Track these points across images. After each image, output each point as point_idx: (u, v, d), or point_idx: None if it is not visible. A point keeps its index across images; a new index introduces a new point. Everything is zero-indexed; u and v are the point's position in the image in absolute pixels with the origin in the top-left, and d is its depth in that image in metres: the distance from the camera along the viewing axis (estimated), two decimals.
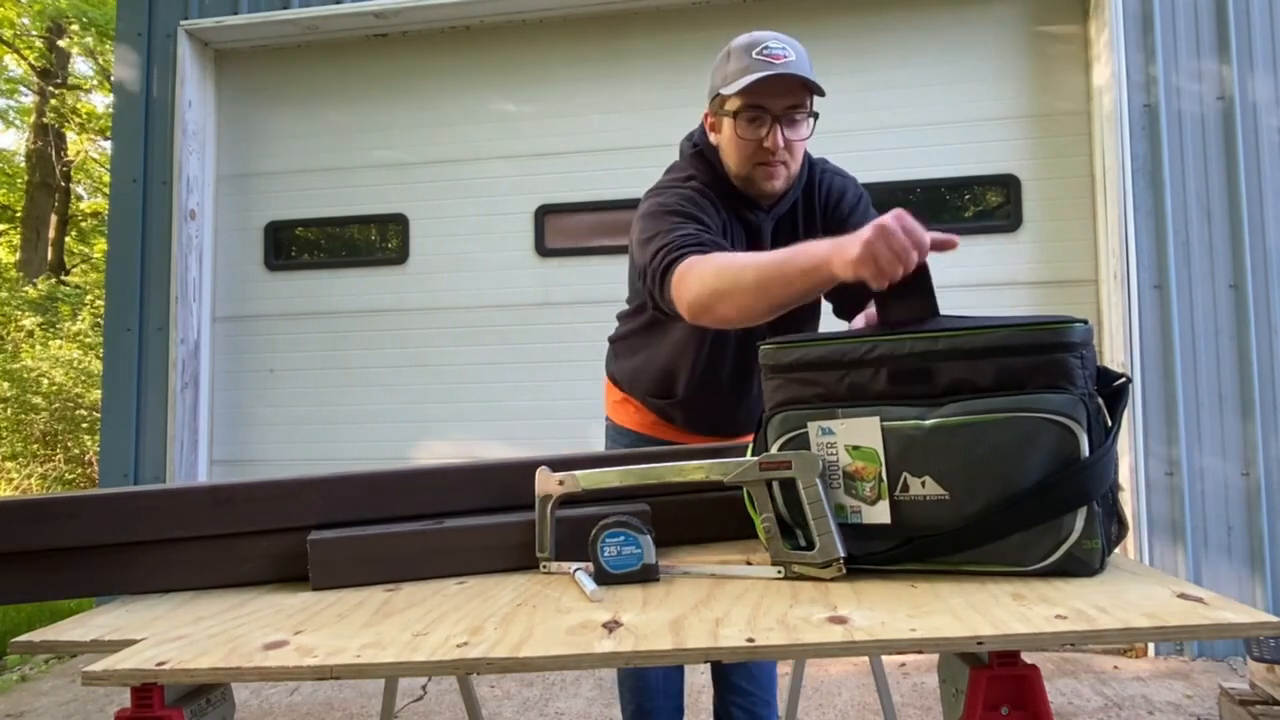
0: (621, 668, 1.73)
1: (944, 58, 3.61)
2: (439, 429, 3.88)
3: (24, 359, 8.46)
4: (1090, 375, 0.94)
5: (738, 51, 1.40)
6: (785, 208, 1.52)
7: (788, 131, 1.40)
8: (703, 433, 1.67)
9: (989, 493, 0.93)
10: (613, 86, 3.80)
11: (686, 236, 1.35)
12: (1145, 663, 3.11)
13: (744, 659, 0.79)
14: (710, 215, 1.43)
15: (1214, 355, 3.20)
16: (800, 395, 1.03)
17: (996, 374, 0.93)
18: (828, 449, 1.01)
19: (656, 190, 1.51)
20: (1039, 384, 0.92)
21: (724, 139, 1.46)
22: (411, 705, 2.89)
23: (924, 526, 0.96)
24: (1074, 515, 0.91)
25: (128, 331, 3.91)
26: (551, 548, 1.09)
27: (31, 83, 11.39)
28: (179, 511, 1.10)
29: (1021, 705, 0.81)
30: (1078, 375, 0.92)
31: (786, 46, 1.38)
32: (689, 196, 1.44)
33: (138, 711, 0.82)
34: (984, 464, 0.93)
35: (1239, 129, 3.23)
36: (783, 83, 1.36)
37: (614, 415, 1.80)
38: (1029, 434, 0.91)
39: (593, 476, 1.09)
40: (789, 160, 1.43)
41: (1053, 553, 0.92)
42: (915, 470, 0.96)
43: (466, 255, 3.90)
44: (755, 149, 1.41)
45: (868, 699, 2.78)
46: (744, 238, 1.51)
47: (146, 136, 3.97)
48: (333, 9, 3.82)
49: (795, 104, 1.39)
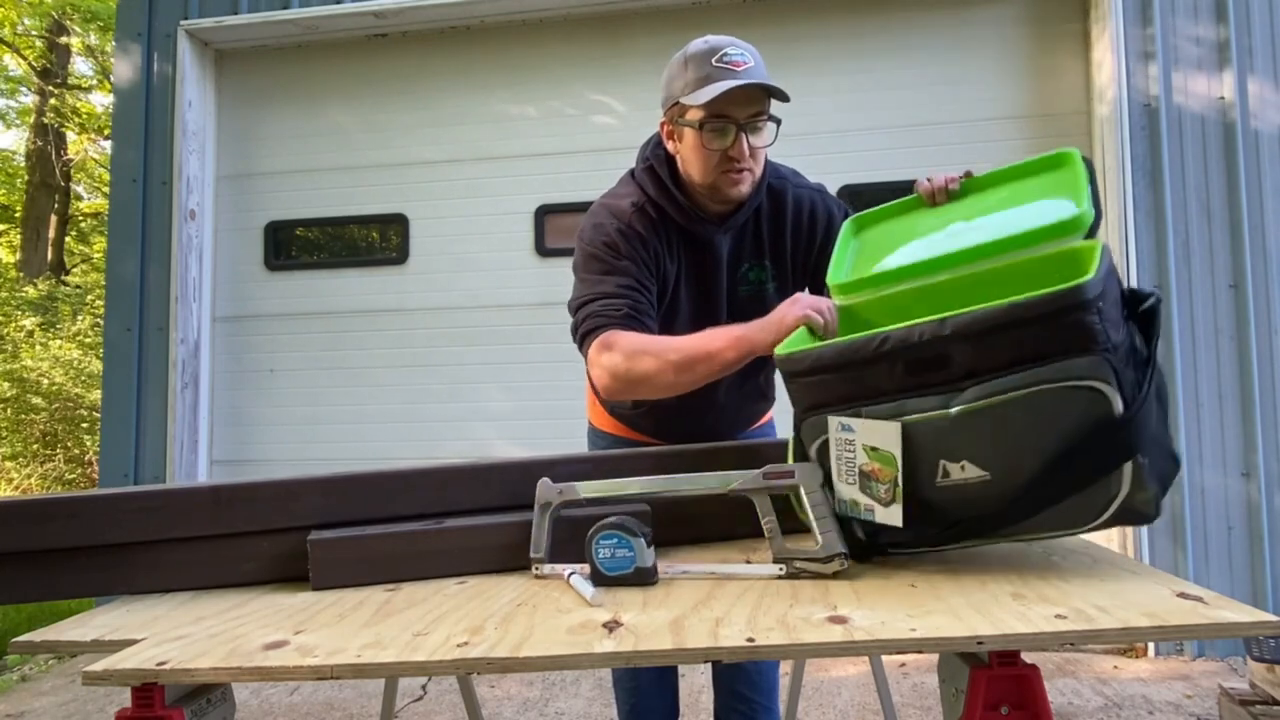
0: (617, 668, 1.73)
1: (944, 58, 3.61)
2: (439, 429, 3.88)
3: (24, 359, 8.45)
4: (1114, 321, 0.90)
5: (696, 59, 1.38)
6: (742, 219, 1.50)
7: (752, 139, 1.39)
8: (675, 441, 1.63)
9: (1029, 467, 0.92)
10: (613, 86, 3.80)
11: (612, 305, 1.38)
12: (1145, 663, 3.11)
13: (744, 659, 0.79)
14: (638, 255, 1.43)
15: (1214, 355, 3.20)
16: (825, 399, 1.03)
17: (1011, 350, 0.90)
18: (845, 445, 1.01)
19: (597, 209, 1.50)
20: (1058, 351, 0.88)
21: (685, 148, 1.44)
22: (411, 705, 2.89)
23: (971, 507, 0.96)
24: (1120, 472, 0.89)
25: (128, 331, 3.91)
26: (546, 550, 1.09)
27: (31, 82, 11.39)
28: (179, 511, 1.10)
29: (1021, 705, 0.81)
30: (1098, 333, 0.87)
31: (745, 52, 1.37)
32: (620, 232, 1.44)
33: (138, 711, 0.82)
34: (1018, 441, 0.91)
35: (1239, 129, 3.23)
36: (746, 92, 1.35)
37: (593, 419, 1.81)
38: (1057, 405, 0.89)
39: (596, 486, 1.09)
40: (754, 167, 1.43)
41: (1105, 511, 0.91)
42: (952, 456, 0.95)
43: (466, 255, 3.90)
44: (721, 159, 1.39)
45: (868, 699, 2.78)
46: (687, 255, 1.49)
47: (146, 136, 3.97)
48: (333, 9, 3.82)
49: (758, 111, 1.39)
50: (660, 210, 1.48)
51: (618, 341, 1.34)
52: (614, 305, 1.39)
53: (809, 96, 3.67)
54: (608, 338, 1.35)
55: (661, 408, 1.61)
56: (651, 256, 1.46)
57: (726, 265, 1.51)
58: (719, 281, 1.52)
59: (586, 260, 1.47)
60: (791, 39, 3.70)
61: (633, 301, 1.40)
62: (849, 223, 1.36)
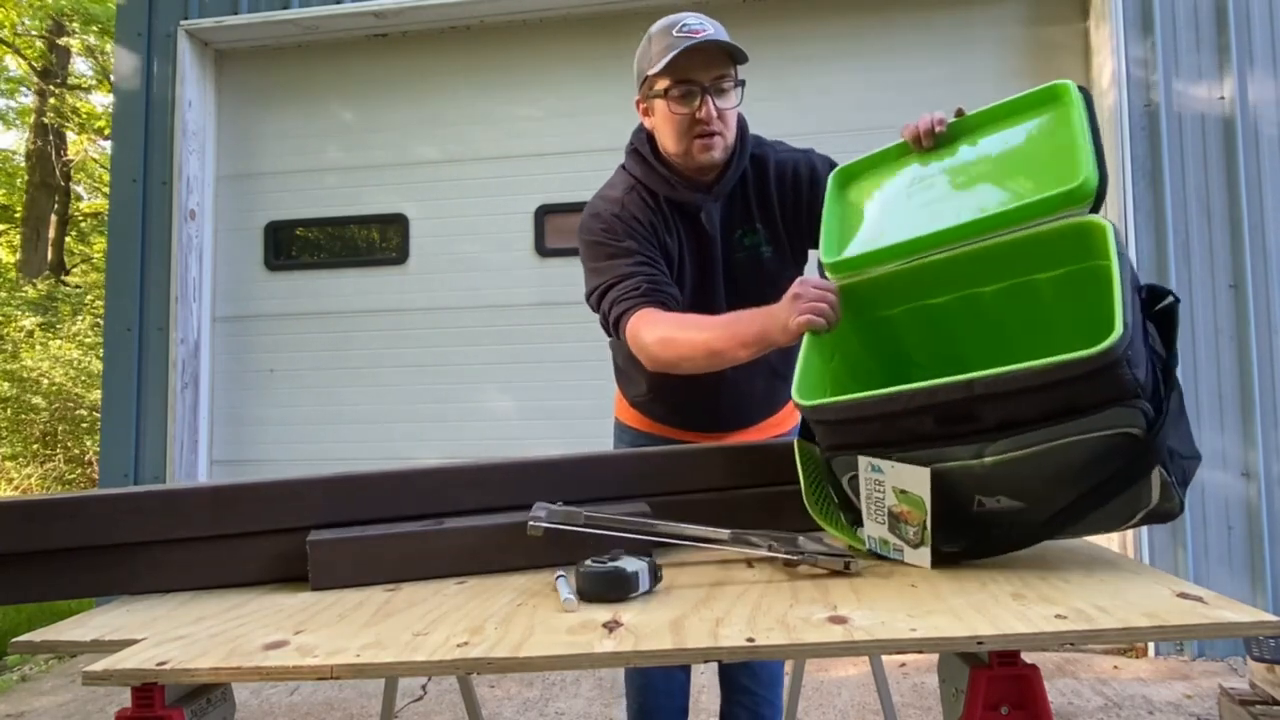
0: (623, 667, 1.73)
1: (944, 58, 3.61)
2: (439, 429, 3.87)
3: (24, 359, 8.45)
4: (1139, 355, 0.88)
5: (658, 34, 1.44)
6: (729, 186, 1.52)
7: (718, 101, 1.42)
8: (692, 429, 1.68)
9: (1063, 497, 0.93)
10: (613, 86, 3.79)
11: (625, 280, 1.42)
12: (1145, 663, 3.11)
13: (744, 659, 0.79)
14: (638, 234, 1.47)
15: (1214, 355, 3.20)
16: (853, 441, 1.03)
17: (1042, 405, 0.89)
18: (875, 485, 1.01)
19: (593, 202, 1.55)
20: (1089, 406, 0.87)
21: (658, 120, 1.48)
22: (411, 705, 2.89)
23: (1009, 524, 0.98)
24: (1149, 484, 0.90)
25: (128, 331, 3.91)
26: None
27: (31, 83, 11.38)
28: (179, 511, 1.10)
29: (1021, 705, 0.81)
30: (1129, 384, 0.86)
31: (703, 21, 1.41)
32: (615, 218, 1.48)
33: (138, 711, 0.82)
34: (1051, 479, 0.92)
35: (1239, 129, 3.23)
36: (705, 54, 1.39)
37: (620, 414, 1.83)
38: (1092, 451, 0.89)
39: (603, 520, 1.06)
40: (723, 130, 1.45)
41: (1132, 517, 0.94)
42: (986, 492, 0.96)
43: (466, 255, 3.90)
44: (689, 122, 1.43)
45: (868, 699, 2.78)
46: (683, 227, 1.52)
47: (146, 136, 3.97)
48: (333, 9, 3.82)
49: (721, 73, 1.42)
50: (651, 191, 1.51)
51: (645, 325, 1.38)
52: (631, 285, 1.43)
53: (809, 96, 3.68)
54: (635, 323, 1.40)
55: (660, 395, 1.63)
56: (651, 232, 1.49)
57: (720, 232, 1.53)
58: (714, 250, 1.54)
59: (590, 249, 1.50)
60: (791, 39, 3.70)
61: (647, 276, 1.43)
62: (834, 176, 1.33)
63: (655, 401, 1.69)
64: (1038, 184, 1.04)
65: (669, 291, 1.45)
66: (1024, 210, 1.03)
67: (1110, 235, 0.95)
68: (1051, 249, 1.03)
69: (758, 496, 1.24)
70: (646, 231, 1.48)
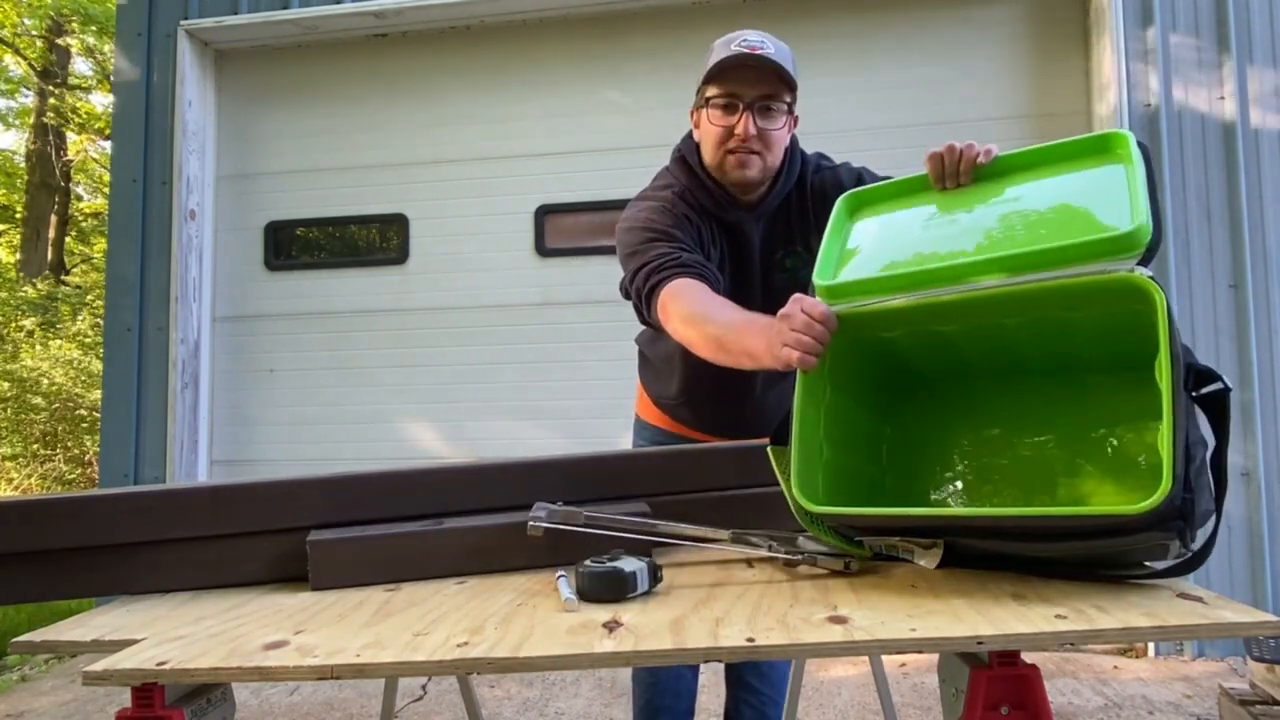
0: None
1: (944, 58, 3.61)
2: (439, 429, 3.87)
3: (24, 359, 8.45)
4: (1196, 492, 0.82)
5: (719, 45, 1.42)
6: (773, 205, 1.49)
7: (760, 120, 1.38)
8: (712, 432, 1.67)
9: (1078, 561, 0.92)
10: (613, 86, 3.79)
11: (664, 256, 1.36)
12: (1145, 663, 3.11)
13: (744, 659, 0.79)
14: (684, 227, 1.43)
15: (1214, 355, 3.20)
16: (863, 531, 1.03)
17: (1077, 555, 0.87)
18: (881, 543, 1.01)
19: (637, 201, 1.52)
20: (1129, 563, 0.85)
21: (702, 131, 1.46)
22: (411, 705, 2.89)
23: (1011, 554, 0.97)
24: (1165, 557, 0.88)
25: (128, 331, 3.91)
26: None
27: (31, 83, 11.38)
28: (179, 511, 1.10)
29: (1021, 705, 0.81)
30: (1173, 547, 0.82)
31: (765, 40, 1.39)
32: (663, 209, 1.44)
33: (138, 711, 0.82)
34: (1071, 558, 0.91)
35: (1239, 129, 3.23)
36: (755, 71, 1.36)
37: (640, 411, 1.82)
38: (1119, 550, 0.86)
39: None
40: (763, 151, 1.41)
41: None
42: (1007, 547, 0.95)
43: (466, 255, 3.90)
44: (725, 135, 1.40)
45: (868, 699, 2.78)
46: (725, 242, 1.50)
47: (146, 136, 3.97)
48: (333, 9, 3.82)
49: (769, 94, 1.38)
50: (694, 198, 1.48)
51: (675, 298, 1.31)
52: (671, 258, 1.36)
53: (809, 96, 3.66)
54: (667, 293, 1.33)
55: (691, 400, 1.63)
56: (695, 231, 1.45)
57: (760, 252, 1.51)
58: (753, 268, 1.52)
59: (629, 235, 1.44)
60: (791, 39, 3.67)
61: (685, 254, 1.37)
62: (842, 201, 1.20)
63: (685, 406, 1.67)
64: (1079, 231, 0.91)
65: (712, 271, 1.39)
66: (1061, 252, 0.88)
67: (1162, 307, 0.82)
68: (1086, 303, 0.91)
69: (758, 496, 1.24)
70: (691, 229, 1.45)
